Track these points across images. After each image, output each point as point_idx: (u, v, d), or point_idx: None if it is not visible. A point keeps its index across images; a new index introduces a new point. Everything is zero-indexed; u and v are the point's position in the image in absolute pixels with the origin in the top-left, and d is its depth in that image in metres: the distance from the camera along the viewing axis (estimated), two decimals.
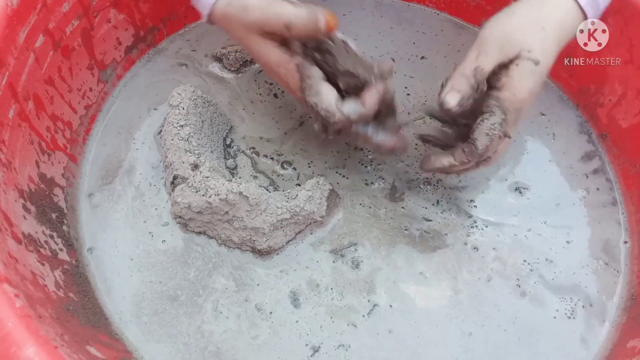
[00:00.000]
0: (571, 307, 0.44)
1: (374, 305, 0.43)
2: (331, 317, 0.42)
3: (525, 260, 0.46)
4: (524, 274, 0.45)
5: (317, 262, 0.44)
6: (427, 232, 0.46)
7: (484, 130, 0.40)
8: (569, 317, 0.44)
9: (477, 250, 0.46)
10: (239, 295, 0.43)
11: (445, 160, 0.42)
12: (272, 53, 0.40)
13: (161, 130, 0.48)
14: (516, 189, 0.49)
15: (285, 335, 0.41)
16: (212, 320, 0.41)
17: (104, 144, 0.49)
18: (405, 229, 0.46)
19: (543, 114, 0.54)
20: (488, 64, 0.40)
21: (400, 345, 0.42)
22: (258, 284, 0.43)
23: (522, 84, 0.39)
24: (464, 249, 0.46)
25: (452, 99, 0.40)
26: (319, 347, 0.41)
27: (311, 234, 0.45)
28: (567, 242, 0.47)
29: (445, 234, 0.46)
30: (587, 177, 0.50)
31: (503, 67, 0.40)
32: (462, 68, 0.40)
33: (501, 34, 0.40)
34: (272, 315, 0.42)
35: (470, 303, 0.44)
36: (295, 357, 0.41)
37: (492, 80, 0.41)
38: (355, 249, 0.45)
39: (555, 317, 0.44)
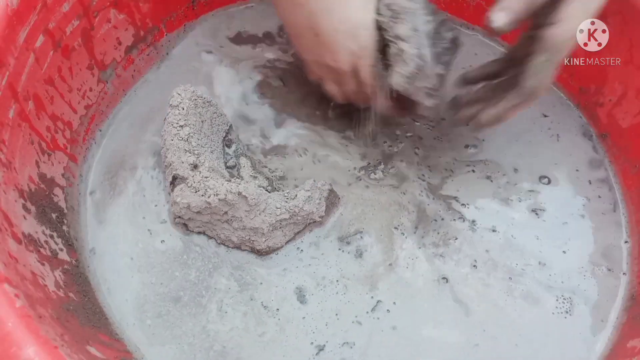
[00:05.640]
0: (570, 308, 0.44)
1: (378, 302, 0.43)
2: (336, 314, 0.42)
3: (522, 261, 0.46)
4: (521, 273, 0.45)
5: (322, 254, 0.44)
6: (426, 230, 0.47)
7: (534, 70, 0.39)
8: (568, 317, 0.44)
9: (478, 250, 0.46)
10: (242, 295, 0.43)
11: (494, 111, 0.42)
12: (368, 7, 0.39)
13: (161, 131, 0.48)
14: (514, 194, 0.49)
15: (292, 332, 0.41)
16: (218, 320, 0.41)
17: (104, 144, 0.49)
18: (401, 225, 0.47)
19: (545, 115, 0.54)
20: None
21: (404, 342, 0.42)
22: (261, 283, 0.43)
23: (574, 22, 0.37)
24: (461, 249, 0.46)
25: (501, 18, 0.38)
26: (324, 345, 0.41)
27: (310, 232, 0.45)
28: (566, 243, 0.47)
29: (443, 233, 0.46)
30: (591, 183, 0.50)
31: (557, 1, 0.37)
32: None
33: None
34: (279, 312, 0.42)
35: (472, 302, 0.44)
36: (300, 356, 0.41)
37: (541, 17, 0.39)
38: (361, 237, 0.45)
39: (555, 317, 0.44)
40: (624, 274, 0.46)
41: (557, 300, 0.44)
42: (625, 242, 0.48)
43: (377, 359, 0.41)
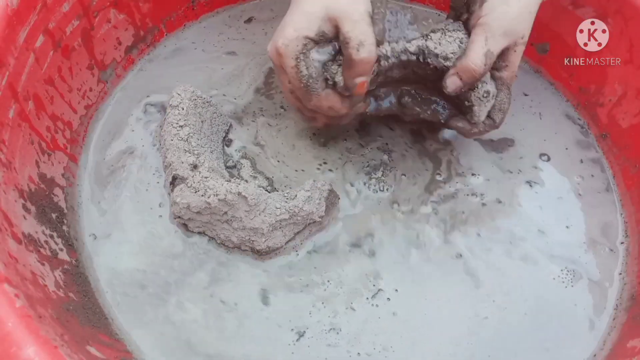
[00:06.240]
0: (573, 279, 0.45)
1: (379, 290, 0.43)
2: (322, 303, 0.42)
3: (523, 227, 0.47)
4: (522, 238, 0.46)
5: (321, 266, 0.45)
6: (435, 211, 0.48)
7: (498, 107, 0.45)
8: (569, 288, 0.45)
9: (487, 228, 0.47)
10: (206, 290, 0.42)
11: (463, 123, 0.46)
12: (313, 27, 0.40)
13: (160, 131, 0.48)
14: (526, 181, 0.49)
15: (254, 326, 0.41)
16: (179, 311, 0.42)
17: (104, 144, 0.49)
18: (399, 211, 0.47)
19: (525, 94, 0.55)
20: (497, 49, 0.42)
21: (402, 329, 0.42)
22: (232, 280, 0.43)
23: (516, 64, 0.44)
24: (468, 228, 0.47)
25: (452, 85, 0.43)
26: (304, 332, 0.41)
27: (309, 233, 0.45)
28: (567, 218, 0.48)
29: (449, 212, 0.48)
30: (582, 178, 0.51)
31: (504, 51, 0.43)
32: (473, 52, 0.42)
33: (505, 23, 0.42)
34: (237, 306, 0.42)
35: (480, 272, 0.45)
36: (277, 343, 0.41)
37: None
38: (372, 240, 0.46)
39: (556, 284, 0.45)
40: (623, 273, 0.46)
41: (561, 270, 0.45)
42: (622, 243, 0.48)
43: (371, 346, 0.41)
